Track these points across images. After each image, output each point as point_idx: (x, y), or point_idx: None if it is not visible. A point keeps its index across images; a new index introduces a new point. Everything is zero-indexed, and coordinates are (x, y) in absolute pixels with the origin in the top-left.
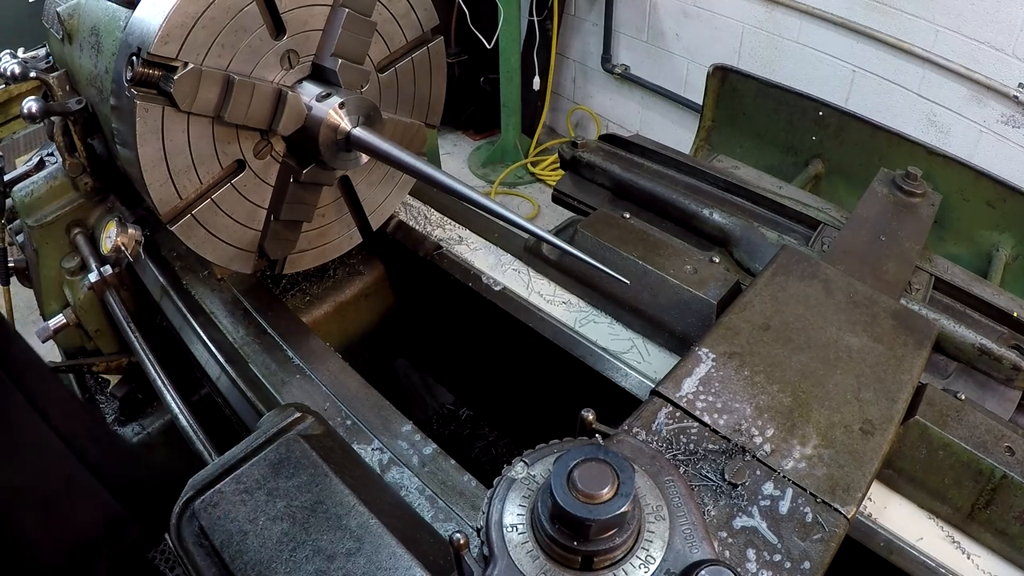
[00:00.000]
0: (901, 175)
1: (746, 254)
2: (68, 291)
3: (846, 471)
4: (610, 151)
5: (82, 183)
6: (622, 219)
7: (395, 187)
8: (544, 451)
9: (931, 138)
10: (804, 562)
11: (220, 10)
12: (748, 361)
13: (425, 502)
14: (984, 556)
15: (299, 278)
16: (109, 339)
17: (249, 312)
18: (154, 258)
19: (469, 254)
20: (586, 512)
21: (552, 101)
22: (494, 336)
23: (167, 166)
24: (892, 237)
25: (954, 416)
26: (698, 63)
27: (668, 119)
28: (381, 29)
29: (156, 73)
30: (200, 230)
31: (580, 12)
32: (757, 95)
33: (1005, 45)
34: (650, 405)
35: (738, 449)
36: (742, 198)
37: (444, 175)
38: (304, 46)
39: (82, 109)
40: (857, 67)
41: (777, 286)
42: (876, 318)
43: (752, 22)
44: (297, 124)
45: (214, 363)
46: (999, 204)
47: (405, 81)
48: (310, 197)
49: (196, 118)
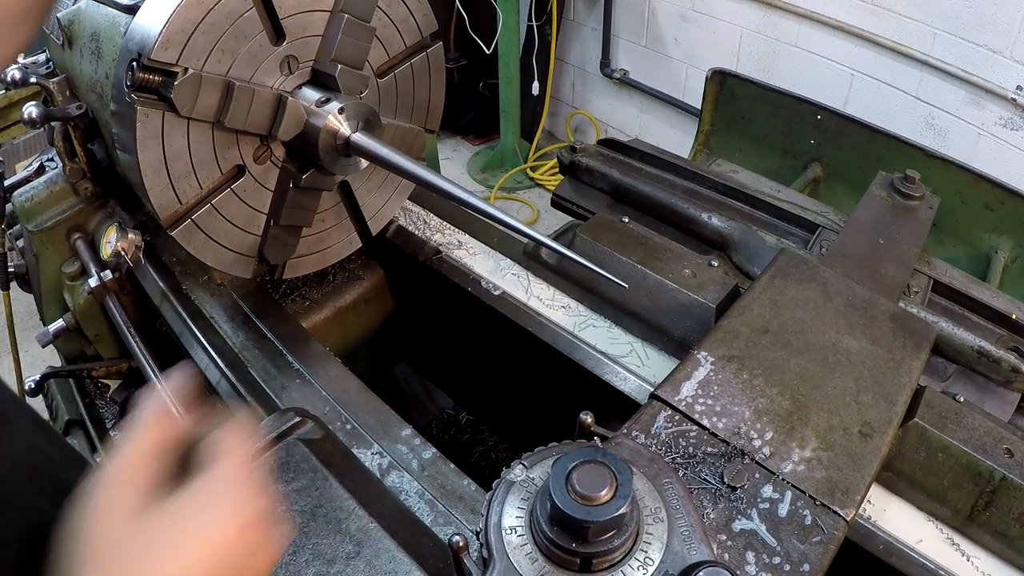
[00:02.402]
0: (899, 178)
1: (745, 258)
2: (68, 296)
3: (845, 474)
4: (609, 156)
5: (82, 188)
6: (621, 223)
7: (394, 192)
8: (543, 454)
9: (929, 141)
10: (803, 564)
11: (220, 16)
12: (747, 364)
13: (425, 506)
14: (984, 558)
15: (299, 283)
16: (109, 344)
17: (249, 317)
18: (154, 263)
19: (468, 259)
20: (584, 514)
21: (551, 106)
22: (493, 340)
23: (167, 171)
24: (891, 240)
25: (953, 418)
26: (697, 67)
27: (667, 123)
28: (380, 34)
29: (156, 79)
30: (200, 235)
31: (579, 17)
32: (756, 99)
33: (1003, 48)
34: (649, 408)
35: (737, 452)
36: (741, 202)
37: (443, 180)
38: (304, 51)
39: (82, 114)
40: (855, 71)
41: (776, 289)
42: (875, 321)
43: (750, 26)
44: (297, 129)
45: (214, 368)
46: (997, 207)
47: (404, 86)
48: (310, 202)
49: (196, 123)
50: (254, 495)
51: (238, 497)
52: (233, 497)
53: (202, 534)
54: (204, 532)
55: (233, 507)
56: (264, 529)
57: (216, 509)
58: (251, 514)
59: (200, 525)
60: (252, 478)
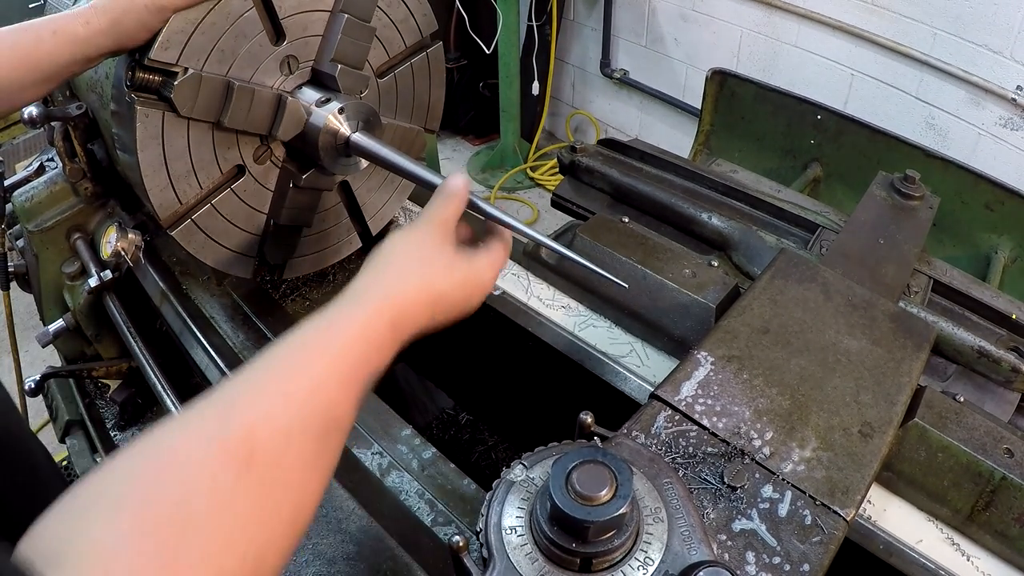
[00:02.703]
0: (899, 178)
1: (745, 258)
2: (68, 296)
3: (845, 474)
4: (609, 156)
5: (82, 188)
6: (621, 223)
7: (395, 192)
8: (543, 454)
9: (929, 141)
10: (803, 564)
11: (220, 16)
12: (747, 364)
13: (425, 506)
14: (984, 558)
15: (299, 283)
16: (109, 344)
17: (249, 317)
18: (154, 263)
19: None
20: (584, 514)
21: (551, 106)
22: (493, 340)
23: (167, 171)
24: (891, 240)
25: (953, 418)
26: (697, 67)
27: (667, 123)
28: (380, 34)
29: (156, 79)
30: (200, 235)
31: (579, 17)
32: (755, 99)
33: (1003, 48)
34: (649, 408)
35: (737, 452)
36: (741, 202)
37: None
38: (303, 51)
39: (82, 114)
40: (855, 71)
41: (776, 289)
42: (875, 321)
43: (750, 26)
44: (297, 129)
45: (214, 368)
46: (997, 207)
47: (404, 86)
48: (310, 202)
49: (196, 123)
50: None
51: (492, 274)
52: (491, 274)
53: (470, 278)
54: (472, 277)
55: (490, 278)
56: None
57: (486, 271)
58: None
59: (468, 270)
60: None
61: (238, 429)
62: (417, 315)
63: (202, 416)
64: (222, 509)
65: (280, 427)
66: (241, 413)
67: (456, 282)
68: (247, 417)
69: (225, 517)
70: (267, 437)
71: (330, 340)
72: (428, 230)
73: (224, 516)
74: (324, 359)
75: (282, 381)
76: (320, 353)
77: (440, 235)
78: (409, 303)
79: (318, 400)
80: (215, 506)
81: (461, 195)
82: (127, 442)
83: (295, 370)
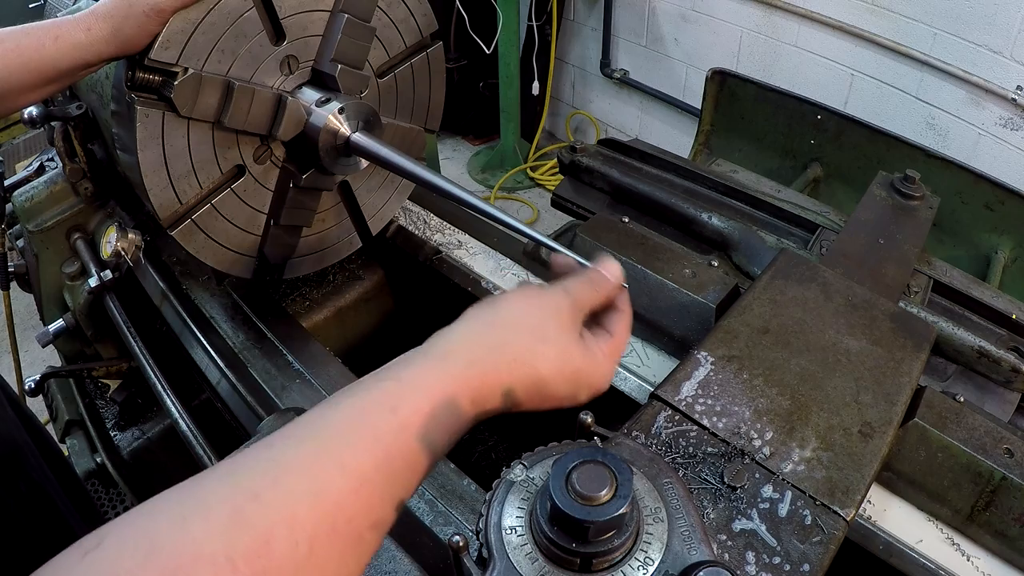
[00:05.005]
0: (899, 178)
1: (745, 258)
2: (68, 296)
3: (845, 474)
4: (609, 155)
5: (82, 188)
6: (621, 223)
7: (394, 192)
8: (543, 453)
9: (930, 141)
10: (803, 564)
11: (220, 15)
12: (747, 364)
13: (424, 506)
14: (984, 558)
15: (299, 283)
16: (109, 344)
17: (249, 317)
18: (154, 263)
19: (468, 258)
20: (584, 514)
21: (551, 106)
22: None
23: (167, 171)
24: (891, 240)
25: (953, 418)
26: (697, 68)
27: (667, 123)
28: (380, 34)
29: (156, 79)
30: (200, 235)
31: (579, 17)
32: (756, 99)
33: (1003, 48)
34: (649, 408)
35: (737, 452)
36: (741, 202)
37: (444, 180)
38: (304, 51)
39: (82, 114)
40: (855, 71)
41: (776, 289)
42: (875, 321)
43: (750, 26)
44: (297, 129)
45: (214, 368)
46: (998, 207)
47: (404, 86)
48: (310, 202)
49: (196, 123)
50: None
51: (609, 368)
52: (608, 368)
53: (582, 373)
54: (586, 371)
55: (605, 373)
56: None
57: (602, 364)
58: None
59: (582, 362)
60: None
61: (250, 540)
62: (497, 396)
63: (208, 508)
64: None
65: (304, 534)
66: (260, 510)
67: (566, 376)
68: (266, 519)
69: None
70: (285, 551)
71: (394, 407)
72: (558, 304)
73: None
74: (378, 444)
75: (318, 468)
76: (373, 431)
77: (569, 317)
78: (503, 377)
79: (360, 502)
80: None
81: (612, 289)
82: (124, 443)
83: (338, 453)
